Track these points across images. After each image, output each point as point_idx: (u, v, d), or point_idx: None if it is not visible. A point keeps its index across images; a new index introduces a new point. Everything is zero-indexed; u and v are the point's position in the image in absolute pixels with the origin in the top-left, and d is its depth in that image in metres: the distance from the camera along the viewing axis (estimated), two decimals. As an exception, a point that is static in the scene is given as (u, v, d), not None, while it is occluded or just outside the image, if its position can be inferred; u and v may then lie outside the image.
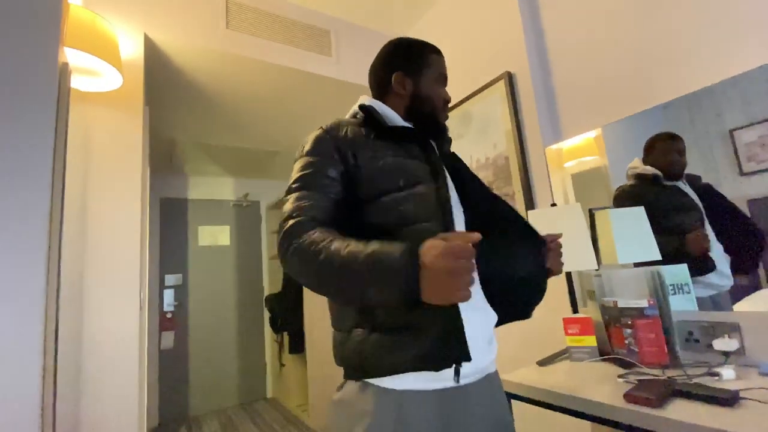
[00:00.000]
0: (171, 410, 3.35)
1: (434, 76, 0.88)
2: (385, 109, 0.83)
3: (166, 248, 3.57)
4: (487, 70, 1.71)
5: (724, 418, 0.67)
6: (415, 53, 0.89)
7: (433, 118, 0.86)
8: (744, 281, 1.00)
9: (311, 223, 0.67)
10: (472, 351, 0.66)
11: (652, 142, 1.18)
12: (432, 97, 0.86)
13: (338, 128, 0.79)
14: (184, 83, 2.08)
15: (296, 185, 0.73)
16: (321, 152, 0.75)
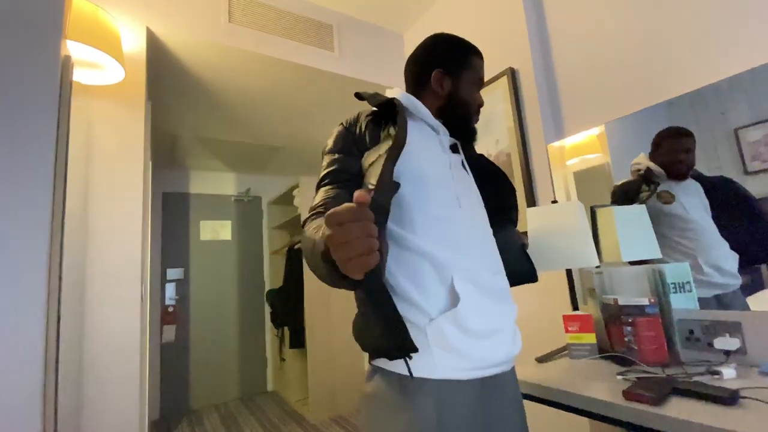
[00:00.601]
0: (172, 403, 3.37)
1: (474, 79, 0.88)
2: (417, 105, 0.82)
3: (167, 242, 3.58)
4: (489, 66, 1.69)
5: (723, 416, 0.67)
6: (459, 53, 0.88)
7: (465, 122, 0.88)
8: (747, 280, 1.00)
9: None
10: (500, 341, 0.71)
11: (660, 138, 1.16)
12: (468, 100, 0.87)
13: (356, 122, 0.79)
14: (186, 77, 2.08)
15: (323, 182, 0.75)
16: (342, 149, 0.76)
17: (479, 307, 0.69)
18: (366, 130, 0.77)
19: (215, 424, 3.05)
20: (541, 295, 1.48)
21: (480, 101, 0.89)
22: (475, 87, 0.88)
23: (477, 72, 0.89)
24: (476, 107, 0.89)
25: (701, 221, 1.08)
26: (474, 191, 0.85)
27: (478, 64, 0.89)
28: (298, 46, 2.01)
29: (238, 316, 3.84)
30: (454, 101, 0.86)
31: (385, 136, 0.73)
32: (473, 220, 0.78)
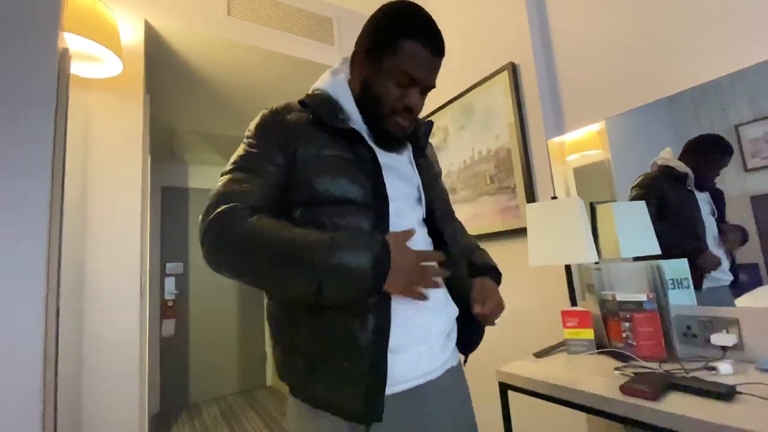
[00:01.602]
0: (172, 397, 3.39)
1: (395, 71, 0.68)
2: (340, 95, 0.73)
3: (167, 237, 3.58)
4: (490, 61, 1.69)
5: (720, 411, 0.67)
6: (389, 29, 0.69)
7: (376, 121, 0.72)
8: (745, 278, 1.00)
9: (247, 212, 0.62)
10: (430, 349, 0.67)
11: (701, 143, 1.09)
12: (380, 96, 0.70)
13: (285, 112, 0.71)
14: (185, 71, 2.07)
15: (233, 166, 0.68)
16: (263, 135, 0.69)
17: (397, 322, 0.63)
18: (296, 121, 0.70)
19: (215, 418, 3.06)
20: (539, 290, 1.48)
21: (407, 102, 0.70)
22: (397, 82, 0.69)
23: (404, 62, 0.67)
24: (396, 106, 0.70)
25: (710, 223, 1.08)
26: (412, 194, 0.76)
27: (410, 51, 0.67)
28: (297, 40, 2.00)
29: (237, 310, 3.85)
30: (366, 92, 0.72)
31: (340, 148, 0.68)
32: (404, 227, 0.69)
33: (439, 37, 0.70)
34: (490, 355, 1.63)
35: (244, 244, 0.59)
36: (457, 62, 1.89)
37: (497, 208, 1.64)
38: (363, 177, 0.67)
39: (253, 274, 0.61)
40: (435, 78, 0.73)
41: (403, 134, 0.75)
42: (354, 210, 0.65)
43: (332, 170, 0.66)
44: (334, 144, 0.68)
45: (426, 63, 0.69)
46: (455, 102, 1.87)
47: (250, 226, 0.59)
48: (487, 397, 1.36)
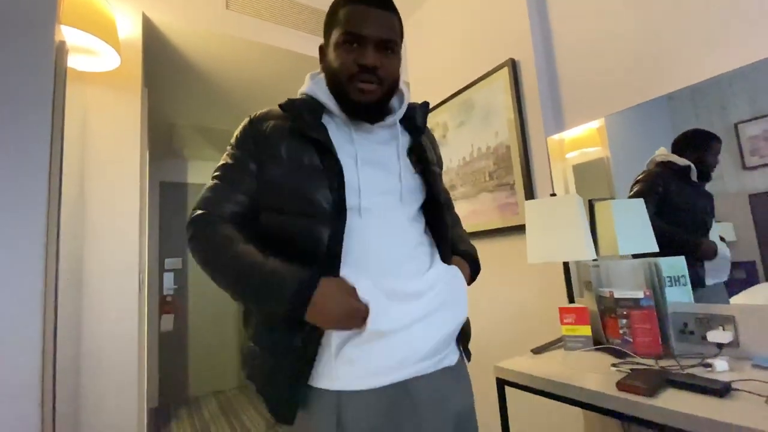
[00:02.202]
0: (171, 391, 3.40)
1: (340, 36, 0.69)
2: (320, 93, 0.75)
3: (165, 232, 3.58)
4: (490, 57, 1.68)
5: (715, 408, 0.68)
6: (329, 13, 0.74)
7: (344, 96, 0.72)
8: (742, 275, 1.00)
9: (218, 219, 0.70)
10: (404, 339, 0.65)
11: (690, 137, 1.10)
12: (336, 66, 0.71)
13: (264, 120, 0.75)
14: (184, 65, 2.05)
15: (215, 174, 0.75)
16: (243, 144, 0.74)
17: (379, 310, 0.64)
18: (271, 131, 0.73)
19: (214, 412, 3.08)
20: (537, 287, 1.48)
21: (359, 60, 0.69)
22: (342, 48, 0.70)
23: (346, 24, 0.69)
24: (351, 72, 0.70)
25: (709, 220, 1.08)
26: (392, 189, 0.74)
27: (349, 13, 0.70)
28: (297, 35, 1.98)
29: (236, 306, 3.85)
30: (329, 74, 0.74)
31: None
32: (381, 227, 0.70)
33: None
34: (489, 351, 1.64)
35: (203, 257, 0.69)
36: (457, 58, 1.88)
37: (496, 205, 1.64)
38: (327, 188, 0.68)
39: (214, 279, 0.69)
40: (385, 29, 0.71)
41: (376, 102, 0.73)
42: (314, 219, 0.66)
43: (299, 179, 0.68)
44: (306, 152, 0.70)
45: (366, 16, 0.69)
46: (455, 98, 1.87)
47: (209, 240, 0.68)
48: (484, 393, 1.37)
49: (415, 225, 0.76)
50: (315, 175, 0.68)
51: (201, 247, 0.69)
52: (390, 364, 0.64)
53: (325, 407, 0.63)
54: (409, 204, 0.75)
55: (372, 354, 0.64)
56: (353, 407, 0.62)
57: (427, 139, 0.88)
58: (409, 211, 0.75)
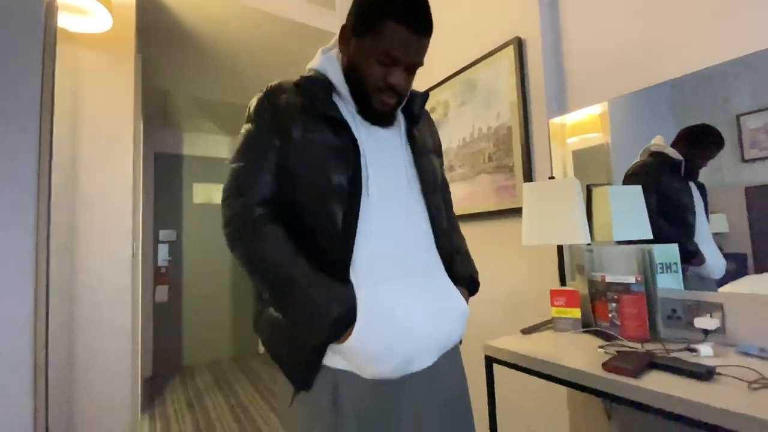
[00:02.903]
0: (165, 361, 3.46)
1: (376, 49, 0.68)
2: (331, 73, 0.74)
3: (160, 204, 3.55)
4: (496, 35, 1.64)
5: (698, 391, 0.69)
6: (371, 8, 0.68)
7: (361, 97, 0.73)
8: (733, 267, 1.01)
9: (260, 209, 0.69)
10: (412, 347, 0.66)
11: (695, 132, 1.08)
12: (364, 75, 0.71)
13: (278, 93, 0.73)
14: (180, 32, 1.99)
15: (239, 155, 0.73)
16: (260, 120, 0.72)
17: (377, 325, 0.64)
18: (287, 103, 0.72)
19: (207, 382, 3.14)
20: (530, 269, 1.50)
21: (391, 80, 0.70)
22: (379, 61, 0.69)
23: (384, 42, 0.67)
24: (380, 84, 0.70)
25: (701, 213, 1.08)
26: (399, 168, 0.76)
27: (390, 31, 0.66)
28: (297, 3, 1.92)
29: (231, 279, 3.88)
30: (352, 69, 0.73)
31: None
32: (384, 210, 0.71)
33: (424, 14, 0.68)
34: (479, 331, 1.66)
35: (246, 258, 0.69)
36: (461, 35, 1.83)
37: (494, 187, 1.64)
38: (344, 164, 0.69)
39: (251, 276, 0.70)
40: (421, 56, 0.72)
41: (391, 112, 0.76)
42: (330, 196, 0.67)
43: (315, 156, 0.69)
44: (321, 129, 0.70)
45: (408, 42, 0.68)
46: (457, 77, 1.83)
47: (255, 241, 0.68)
48: (473, 371, 1.40)
49: (420, 209, 0.77)
50: (330, 153, 0.69)
51: (240, 250, 0.69)
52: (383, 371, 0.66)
53: (323, 383, 0.66)
54: (414, 187, 0.77)
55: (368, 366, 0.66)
56: (349, 387, 0.65)
57: (425, 125, 0.89)
58: (415, 195, 0.77)
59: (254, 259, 0.68)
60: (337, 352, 0.65)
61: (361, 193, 0.68)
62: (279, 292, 0.66)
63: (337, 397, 0.65)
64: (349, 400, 0.65)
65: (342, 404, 0.65)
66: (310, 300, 0.63)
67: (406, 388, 0.68)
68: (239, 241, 0.69)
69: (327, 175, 0.68)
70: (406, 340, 0.66)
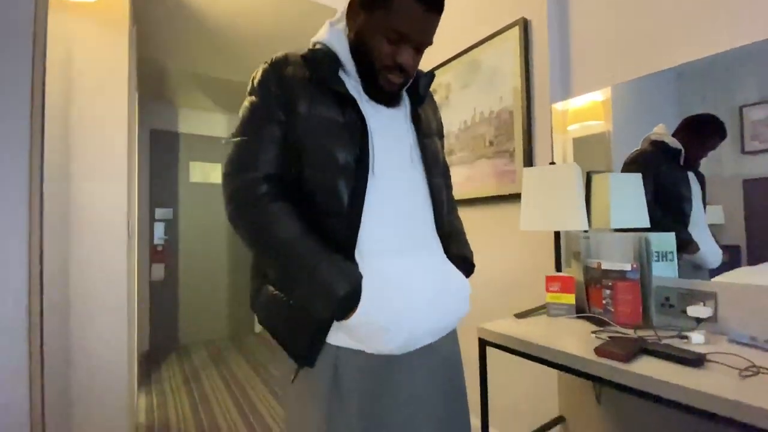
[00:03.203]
0: (161, 338, 3.49)
1: (385, 26, 0.66)
2: (338, 48, 0.72)
3: (156, 182, 3.52)
4: (502, 15, 1.60)
5: (688, 376, 0.70)
6: None
7: (368, 74, 0.71)
8: (727, 258, 1.02)
9: (265, 185, 0.67)
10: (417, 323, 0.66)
11: (698, 121, 1.07)
12: (371, 51, 0.69)
13: (284, 65, 0.71)
14: (176, 2, 1.92)
15: (242, 128, 0.71)
16: (265, 93, 0.70)
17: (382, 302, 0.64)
18: (293, 75, 0.70)
19: (203, 360, 3.18)
20: (527, 255, 1.50)
21: (399, 59, 0.68)
22: (384, 36, 0.67)
23: (394, 18, 0.65)
24: (388, 62, 0.69)
25: (697, 203, 1.08)
26: (404, 148, 0.75)
27: (399, 6, 0.64)
28: (297, -23, 1.86)
29: (227, 257, 3.88)
30: (359, 43, 0.70)
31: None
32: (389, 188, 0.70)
33: None
34: (474, 314, 1.68)
35: (251, 235, 0.68)
36: (466, 15, 1.79)
37: (493, 172, 1.63)
38: (350, 142, 0.68)
39: (255, 253, 0.71)
40: (431, 35, 0.70)
41: (397, 90, 0.75)
42: (336, 173, 0.66)
43: (321, 131, 0.67)
44: (327, 105, 0.69)
45: (418, 19, 0.66)
46: (461, 57, 1.79)
47: (260, 218, 0.66)
48: (467, 351, 1.42)
49: (423, 189, 0.77)
50: (336, 130, 0.68)
51: (245, 228, 0.68)
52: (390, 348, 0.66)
53: (324, 361, 0.66)
54: (417, 168, 0.77)
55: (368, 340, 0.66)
56: (349, 366, 0.66)
57: (428, 106, 0.88)
58: (418, 175, 0.77)
59: (260, 238, 0.66)
60: (340, 329, 0.66)
61: (368, 171, 0.68)
62: (285, 270, 0.65)
63: (337, 376, 0.66)
64: (348, 380, 0.66)
65: (341, 383, 0.65)
66: (318, 278, 0.62)
67: (404, 368, 0.69)
68: (243, 219, 0.68)
69: (333, 152, 0.67)
70: (411, 316, 0.66)
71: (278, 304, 0.69)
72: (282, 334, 0.69)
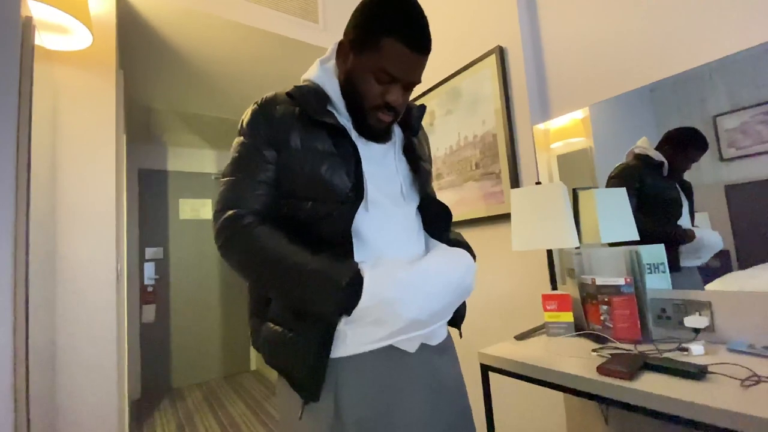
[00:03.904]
0: (153, 383, 3.36)
1: (374, 66, 0.68)
2: (328, 85, 0.74)
3: (145, 221, 3.48)
4: (478, 44, 1.67)
5: (692, 390, 0.70)
6: (370, 25, 0.68)
7: (358, 113, 0.73)
8: (717, 263, 1.03)
9: (250, 217, 0.68)
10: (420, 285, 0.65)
11: (680, 135, 1.10)
12: (361, 91, 0.70)
13: (273, 104, 0.73)
14: (161, 46, 1.97)
15: (232, 167, 0.72)
16: (255, 133, 0.72)
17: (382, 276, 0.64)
18: (282, 114, 0.72)
19: (197, 402, 3.05)
20: (521, 275, 1.50)
21: (388, 98, 0.70)
22: (376, 78, 0.69)
23: (383, 60, 0.67)
24: (376, 104, 0.70)
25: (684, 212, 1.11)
26: (395, 180, 0.77)
27: (389, 49, 0.66)
28: (280, 16, 1.92)
29: (220, 295, 3.81)
30: (349, 84, 0.73)
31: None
32: (383, 216, 0.72)
33: (424, 33, 0.68)
34: (473, 338, 1.66)
35: (243, 261, 0.67)
36: (444, 45, 1.86)
37: (482, 194, 1.65)
38: (344, 171, 0.69)
39: (251, 282, 0.73)
40: (419, 75, 0.72)
41: (386, 129, 0.77)
42: (331, 202, 0.67)
43: (315, 162, 0.69)
44: (319, 137, 0.70)
45: (407, 61, 0.68)
46: (442, 86, 1.85)
47: (249, 243, 0.66)
48: (468, 377, 1.39)
49: (417, 219, 0.78)
50: (330, 159, 0.69)
51: (235, 256, 0.68)
52: (382, 335, 0.66)
53: (325, 391, 0.65)
54: (410, 199, 0.78)
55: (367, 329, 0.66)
56: (350, 391, 0.65)
57: (421, 137, 0.90)
58: (412, 205, 0.78)
59: (251, 260, 0.66)
60: (349, 327, 0.64)
61: (362, 199, 0.69)
62: (283, 282, 0.64)
63: (338, 405, 0.65)
64: (349, 407, 0.65)
65: (342, 412, 0.64)
66: (317, 274, 0.61)
67: (405, 394, 0.68)
68: (232, 249, 0.68)
69: (327, 181, 0.68)
70: (420, 283, 0.65)
71: (280, 339, 0.68)
72: (287, 368, 0.68)
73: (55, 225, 1.39)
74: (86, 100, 1.45)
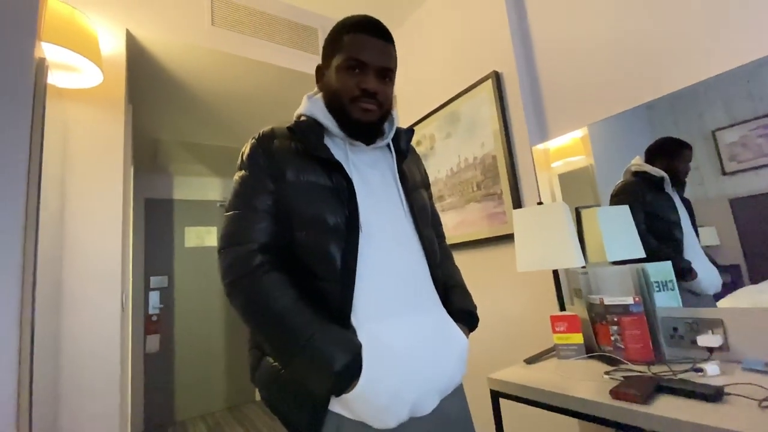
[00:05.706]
0: (157, 415, 3.28)
1: (344, 60, 0.73)
2: (319, 114, 0.77)
3: (151, 250, 3.50)
4: (474, 70, 1.71)
5: (708, 413, 0.68)
6: (330, 38, 0.78)
7: (343, 115, 0.75)
8: (727, 278, 1.02)
9: (260, 257, 0.67)
10: (418, 393, 0.64)
11: (662, 146, 1.13)
12: (338, 88, 0.74)
13: (270, 138, 0.75)
14: (169, 81, 2.04)
15: (235, 202, 0.73)
16: (254, 166, 0.73)
17: (382, 375, 0.62)
18: (279, 147, 0.74)
19: (201, 436, 2.97)
20: (528, 296, 1.48)
21: (362, 85, 0.73)
22: (347, 70, 0.74)
23: (349, 50, 0.73)
24: (354, 92, 0.73)
25: (687, 227, 1.10)
26: (393, 204, 0.77)
27: (351, 42, 0.74)
28: (282, 50, 1.99)
29: (224, 324, 3.76)
30: (329, 95, 0.77)
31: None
32: (381, 247, 0.71)
33: (379, 24, 0.76)
34: (481, 361, 1.62)
35: (246, 308, 0.67)
36: (442, 71, 1.91)
37: (484, 215, 1.65)
38: (339, 204, 0.70)
39: (251, 329, 0.71)
40: (387, 60, 0.76)
41: (376, 123, 0.78)
42: (327, 236, 0.68)
43: (310, 197, 0.70)
44: (315, 171, 0.72)
45: (370, 46, 0.74)
46: (441, 111, 1.89)
47: (255, 292, 0.65)
48: (477, 404, 1.35)
49: (415, 244, 0.78)
50: (325, 194, 0.70)
51: (240, 302, 0.67)
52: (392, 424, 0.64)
53: (328, 428, 0.63)
54: (407, 223, 0.78)
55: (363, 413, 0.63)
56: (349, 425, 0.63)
57: (412, 160, 0.91)
58: (409, 230, 0.78)
59: (254, 312, 0.66)
60: (342, 403, 0.63)
61: (358, 233, 0.69)
62: (280, 345, 0.64)
63: None
64: None
65: None
66: (313, 351, 0.60)
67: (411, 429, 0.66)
68: (238, 294, 0.67)
69: (323, 215, 0.68)
70: (412, 388, 0.64)
71: (278, 377, 0.67)
72: (283, 410, 0.66)
73: (62, 259, 1.40)
74: (95, 135, 1.49)
